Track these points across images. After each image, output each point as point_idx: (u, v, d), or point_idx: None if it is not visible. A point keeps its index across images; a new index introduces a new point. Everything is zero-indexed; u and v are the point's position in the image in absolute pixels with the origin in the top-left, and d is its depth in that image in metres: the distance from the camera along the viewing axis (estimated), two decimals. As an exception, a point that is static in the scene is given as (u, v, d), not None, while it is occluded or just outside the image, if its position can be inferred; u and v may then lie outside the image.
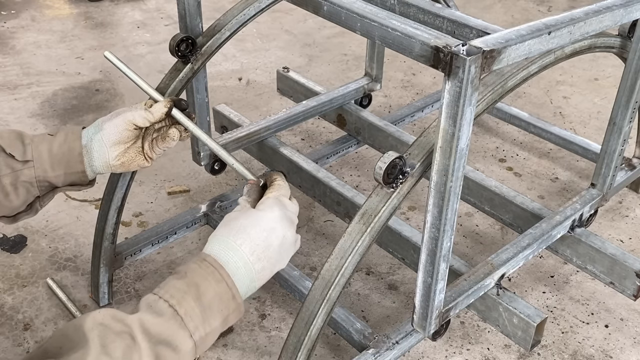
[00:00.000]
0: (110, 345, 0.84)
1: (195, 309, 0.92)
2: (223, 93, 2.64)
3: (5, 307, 1.66)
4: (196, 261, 0.97)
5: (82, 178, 1.25)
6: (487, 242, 1.91)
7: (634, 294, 1.56)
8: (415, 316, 1.26)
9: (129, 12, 3.35)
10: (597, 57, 2.91)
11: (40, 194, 1.23)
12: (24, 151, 1.20)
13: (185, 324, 0.90)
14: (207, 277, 0.95)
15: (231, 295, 0.96)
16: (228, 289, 0.96)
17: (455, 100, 0.97)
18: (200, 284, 0.94)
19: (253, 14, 1.57)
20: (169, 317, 0.89)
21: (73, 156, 1.22)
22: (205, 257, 0.98)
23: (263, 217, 1.03)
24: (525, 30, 1.02)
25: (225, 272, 0.97)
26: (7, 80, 2.68)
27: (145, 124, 1.24)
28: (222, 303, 0.95)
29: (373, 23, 1.13)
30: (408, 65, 2.85)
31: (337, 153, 2.14)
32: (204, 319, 0.93)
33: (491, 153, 2.30)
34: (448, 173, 1.05)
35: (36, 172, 1.20)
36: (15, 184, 1.19)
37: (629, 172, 1.79)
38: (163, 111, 1.24)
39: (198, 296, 0.93)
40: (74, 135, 1.23)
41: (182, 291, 0.92)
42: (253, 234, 1.01)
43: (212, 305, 0.94)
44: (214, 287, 0.95)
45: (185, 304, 0.91)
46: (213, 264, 0.97)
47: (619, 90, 1.47)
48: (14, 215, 1.24)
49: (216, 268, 0.96)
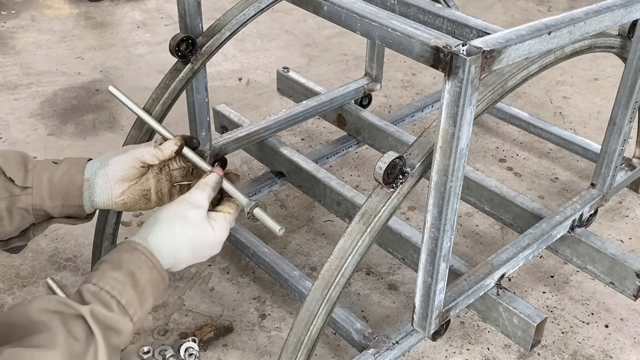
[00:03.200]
0: (74, 329, 0.93)
1: (134, 296, 1.03)
2: (223, 93, 2.64)
3: (5, 307, 1.66)
4: (128, 250, 1.07)
5: (80, 212, 1.22)
6: (487, 242, 1.91)
7: (634, 294, 1.56)
8: (415, 316, 1.26)
9: (129, 12, 3.35)
10: (597, 57, 2.90)
11: (35, 222, 1.21)
12: (25, 177, 1.17)
13: (127, 310, 1.02)
14: (141, 266, 1.06)
15: (161, 278, 1.09)
16: (159, 273, 1.08)
17: (455, 100, 0.97)
18: (135, 273, 1.05)
19: (253, 14, 1.57)
20: (114, 307, 1.00)
21: (73, 189, 1.19)
22: (135, 245, 1.08)
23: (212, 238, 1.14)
24: (525, 30, 1.02)
25: (155, 259, 1.08)
26: (7, 80, 2.68)
27: (154, 161, 1.21)
28: (154, 287, 1.07)
29: (373, 23, 1.13)
30: (408, 65, 2.85)
31: (337, 153, 2.14)
32: (140, 303, 1.04)
33: (491, 153, 2.30)
34: (448, 173, 1.05)
35: (34, 200, 1.17)
36: (11, 209, 1.16)
37: (629, 172, 1.79)
38: (173, 149, 1.21)
39: (135, 284, 1.04)
40: (77, 167, 1.20)
41: (121, 282, 1.02)
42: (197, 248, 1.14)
43: (146, 290, 1.05)
44: (147, 275, 1.06)
45: (125, 294, 1.02)
46: (144, 253, 1.07)
47: (619, 90, 1.47)
48: (6, 240, 1.21)
49: (147, 256, 1.07)
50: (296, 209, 2.02)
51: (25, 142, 2.30)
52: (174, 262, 1.12)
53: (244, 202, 1.19)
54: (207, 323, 1.63)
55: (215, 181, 1.18)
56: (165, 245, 1.10)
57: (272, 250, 1.68)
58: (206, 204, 1.15)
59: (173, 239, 1.11)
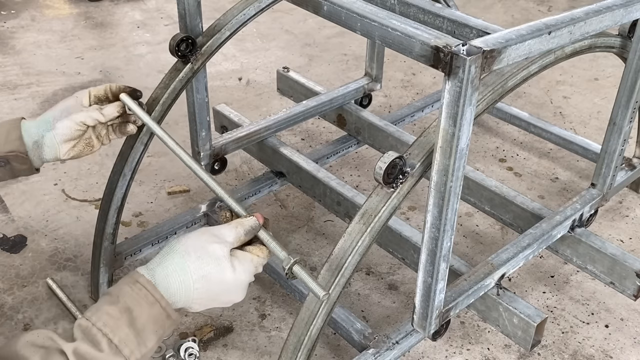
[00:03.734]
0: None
1: (129, 335, 0.93)
2: (223, 93, 2.64)
3: (5, 307, 1.66)
4: (128, 283, 0.97)
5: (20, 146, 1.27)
6: (487, 242, 1.91)
7: (634, 294, 1.56)
8: (415, 316, 1.26)
9: (129, 12, 3.35)
10: (597, 57, 2.90)
11: None
12: None
13: (120, 350, 0.92)
14: (140, 301, 0.95)
15: (166, 315, 0.97)
16: (162, 310, 0.97)
17: (455, 100, 0.97)
18: (133, 309, 0.95)
19: (253, 13, 1.57)
20: (104, 346, 0.91)
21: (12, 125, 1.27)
22: (138, 277, 0.98)
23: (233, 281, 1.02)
24: (526, 30, 1.02)
25: (158, 294, 0.97)
26: (7, 80, 2.68)
27: (96, 124, 1.32)
28: (157, 324, 0.96)
29: (373, 23, 1.13)
30: (408, 65, 2.85)
31: (337, 153, 2.14)
32: (139, 342, 0.94)
33: (491, 153, 2.30)
34: (448, 173, 1.05)
35: None
36: None
37: (629, 172, 1.79)
38: (115, 115, 1.33)
39: (132, 321, 0.94)
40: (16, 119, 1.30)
41: (115, 318, 0.93)
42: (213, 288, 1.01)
43: (146, 328, 0.95)
44: (147, 311, 0.95)
45: (119, 332, 0.92)
46: (146, 286, 0.97)
47: (619, 90, 1.47)
48: None
49: (149, 290, 0.96)
50: (296, 209, 2.02)
51: (25, 142, 2.29)
52: (186, 300, 1.00)
53: (282, 256, 1.05)
54: (207, 323, 1.63)
55: (252, 225, 1.06)
56: (175, 280, 0.98)
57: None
58: (232, 241, 1.03)
59: (185, 273, 0.99)
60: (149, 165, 2.19)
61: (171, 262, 0.99)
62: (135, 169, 1.56)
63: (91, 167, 2.18)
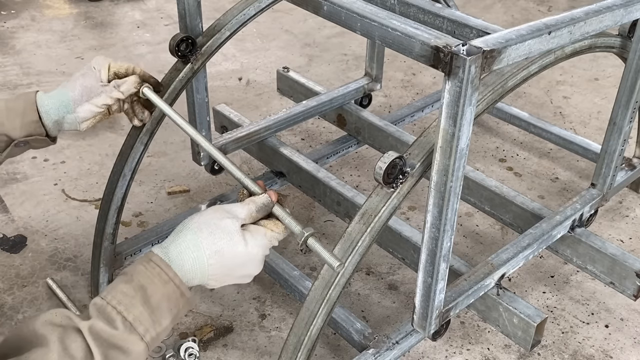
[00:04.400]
0: (72, 345, 0.87)
1: (144, 312, 0.94)
2: (223, 93, 2.64)
3: (5, 307, 1.66)
4: (143, 262, 0.98)
5: (38, 128, 1.28)
6: (487, 242, 1.91)
7: (634, 294, 1.56)
8: (415, 316, 1.26)
9: (129, 12, 3.35)
10: (597, 57, 2.90)
11: None
12: None
13: (135, 328, 0.93)
14: (154, 279, 0.96)
15: (180, 293, 0.98)
16: (176, 287, 0.97)
17: (455, 100, 0.97)
18: (147, 287, 0.95)
19: (253, 13, 1.57)
20: (118, 324, 0.92)
21: (29, 104, 1.27)
22: (151, 256, 0.98)
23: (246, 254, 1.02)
24: (526, 30, 1.02)
25: (172, 272, 0.97)
26: (7, 80, 2.68)
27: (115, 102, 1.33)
28: (171, 302, 0.97)
29: (373, 23, 1.13)
30: (408, 65, 2.85)
31: (337, 153, 2.14)
32: (153, 321, 0.95)
33: (491, 153, 2.30)
34: (448, 173, 1.05)
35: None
36: None
37: (629, 172, 1.79)
38: (132, 91, 1.33)
39: (146, 299, 0.94)
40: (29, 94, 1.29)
41: (130, 296, 0.94)
42: (227, 263, 1.01)
43: (160, 306, 0.96)
44: (161, 289, 0.96)
45: (133, 310, 0.93)
46: (159, 264, 0.97)
47: (619, 90, 1.47)
48: None
49: (162, 269, 0.97)
50: (296, 209, 2.02)
51: (25, 142, 2.29)
52: (202, 277, 1.00)
53: (297, 230, 1.05)
54: (207, 323, 1.63)
55: (264, 202, 1.06)
56: (189, 257, 0.99)
57: (272, 250, 1.68)
58: (244, 217, 1.04)
59: (198, 250, 0.99)
60: (149, 165, 2.19)
61: (184, 240, 1.00)
62: (135, 169, 1.56)
63: (91, 167, 2.18)
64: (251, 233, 1.03)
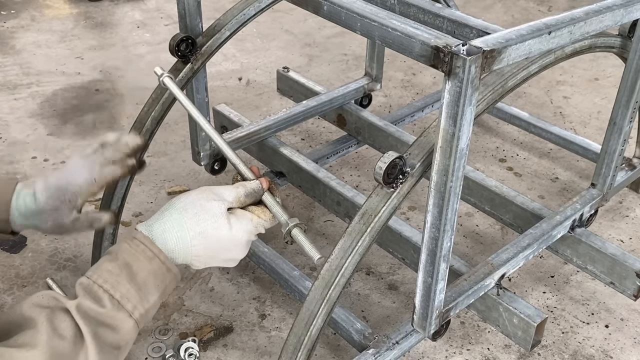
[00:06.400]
0: (61, 326, 0.88)
1: (130, 290, 0.94)
2: (223, 93, 2.64)
3: (5, 307, 1.66)
4: (127, 240, 0.99)
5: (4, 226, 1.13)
6: (487, 242, 1.91)
7: (634, 294, 1.56)
8: (415, 316, 1.26)
9: (129, 12, 3.35)
10: (598, 57, 2.90)
11: None
12: None
13: (123, 305, 0.93)
14: (139, 256, 0.97)
15: (166, 269, 0.98)
16: (162, 263, 0.98)
17: (455, 100, 0.97)
18: (132, 264, 0.96)
19: (253, 13, 1.57)
20: (105, 302, 0.92)
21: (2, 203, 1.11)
22: (135, 234, 0.99)
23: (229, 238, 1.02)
24: (526, 30, 1.02)
25: (156, 248, 0.98)
26: (7, 80, 2.68)
27: None
28: (157, 278, 0.97)
29: (373, 23, 1.13)
30: (408, 65, 2.85)
31: (337, 153, 2.14)
32: (141, 297, 0.95)
33: (491, 153, 2.30)
34: (448, 173, 1.05)
35: None
36: None
37: (629, 172, 1.79)
38: None
39: (132, 276, 0.95)
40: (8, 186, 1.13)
41: (115, 274, 0.94)
42: (210, 245, 1.01)
43: (147, 282, 0.96)
44: (146, 265, 0.97)
45: (120, 287, 0.93)
46: (143, 241, 0.98)
47: (619, 90, 1.47)
48: None
49: (147, 245, 0.97)
50: (296, 209, 2.02)
51: (25, 142, 2.29)
52: (185, 256, 1.01)
53: (283, 219, 1.06)
54: (207, 323, 1.63)
55: (254, 188, 1.06)
56: (172, 236, 0.99)
57: (272, 250, 1.68)
58: (231, 200, 1.04)
59: (182, 229, 0.99)
60: (149, 165, 2.19)
61: (169, 219, 1.01)
62: (135, 169, 1.56)
63: (91, 167, 2.18)
64: (237, 217, 1.03)
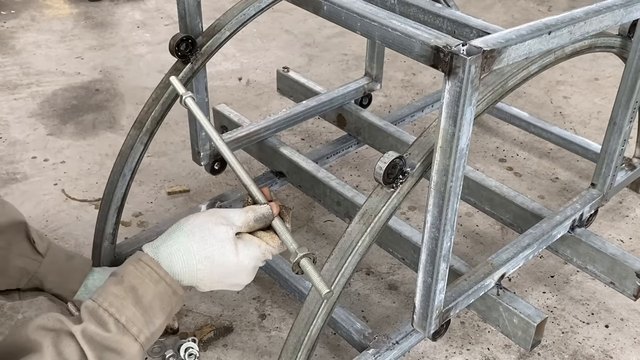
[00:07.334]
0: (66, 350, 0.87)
1: (136, 313, 0.93)
2: (223, 93, 2.64)
3: (5, 307, 1.66)
4: (132, 262, 0.98)
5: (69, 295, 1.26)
6: (487, 242, 1.91)
7: (634, 294, 1.56)
8: (415, 316, 1.26)
9: (129, 12, 3.35)
10: (598, 57, 2.90)
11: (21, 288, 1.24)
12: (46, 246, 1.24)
13: (128, 329, 0.92)
14: (144, 279, 0.95)
15: (172, 291, 0.97)
16: (168, 286, 0.97)
17: (455, 100, 0.97)
18: (138, 287, 0.95)
19: (253, 13, 1.57)
20: (111, 326, 0.91)
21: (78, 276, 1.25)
22: (141, 256, 0.98)
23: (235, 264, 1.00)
24: (526, 30, 1.02)
25: (162, 271, 0.97)
26: (7, 80, 2.68)
27: None
28: (163, 301, 0.96)
29: (373, 23, 1.13)
30: (408, 65, 2.85)
31: (337, 153, 2.14)
32: (146, 321, 0.94)
33: (491, 153, 2.30)
34: (448, 173, 1.05)
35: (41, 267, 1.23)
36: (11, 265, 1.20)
37: (629, 172, 1.79)
38: None
39: (137, 300, 0.94)
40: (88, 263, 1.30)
41: (121, 297, 0.93)
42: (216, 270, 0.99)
43: (153, 305, 0.95)
44: (152, 289, 0.95)
45: (125, 311, 0.93)
46: (149, 264, 0.97)
47: (619, 90, 1.47)
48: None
49: (153, 268, 0.96)
50: (296, 209, 2.02)
51: (25, 142, 2.29)
52: (190, 279, 0.99)
53: (292, 248, 1.02)
54: (207, 323, 1.63)
55: (263, 213, 1.03)
56: (178, 259, 0.98)
57: (272, 250, 1.67)
58: (239, 225, 1.01)
59: (188, 253, 0.98)
60: (149, 165, 2.19)
61: (175, 241, 0.99)
62: (135, 169, 1.56)
63: (91, 167, 2.18)
64: (244, 243, 1.01)
